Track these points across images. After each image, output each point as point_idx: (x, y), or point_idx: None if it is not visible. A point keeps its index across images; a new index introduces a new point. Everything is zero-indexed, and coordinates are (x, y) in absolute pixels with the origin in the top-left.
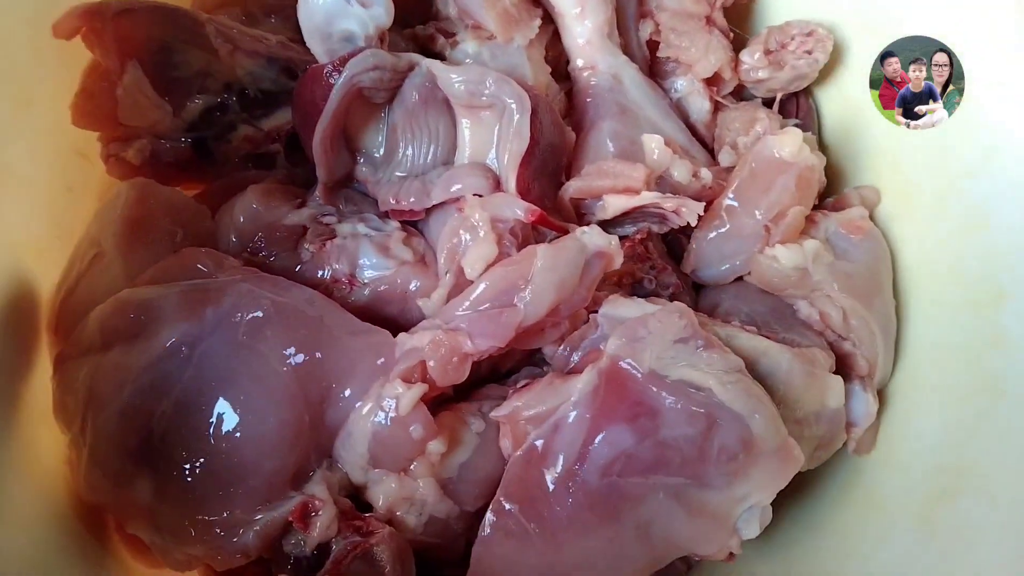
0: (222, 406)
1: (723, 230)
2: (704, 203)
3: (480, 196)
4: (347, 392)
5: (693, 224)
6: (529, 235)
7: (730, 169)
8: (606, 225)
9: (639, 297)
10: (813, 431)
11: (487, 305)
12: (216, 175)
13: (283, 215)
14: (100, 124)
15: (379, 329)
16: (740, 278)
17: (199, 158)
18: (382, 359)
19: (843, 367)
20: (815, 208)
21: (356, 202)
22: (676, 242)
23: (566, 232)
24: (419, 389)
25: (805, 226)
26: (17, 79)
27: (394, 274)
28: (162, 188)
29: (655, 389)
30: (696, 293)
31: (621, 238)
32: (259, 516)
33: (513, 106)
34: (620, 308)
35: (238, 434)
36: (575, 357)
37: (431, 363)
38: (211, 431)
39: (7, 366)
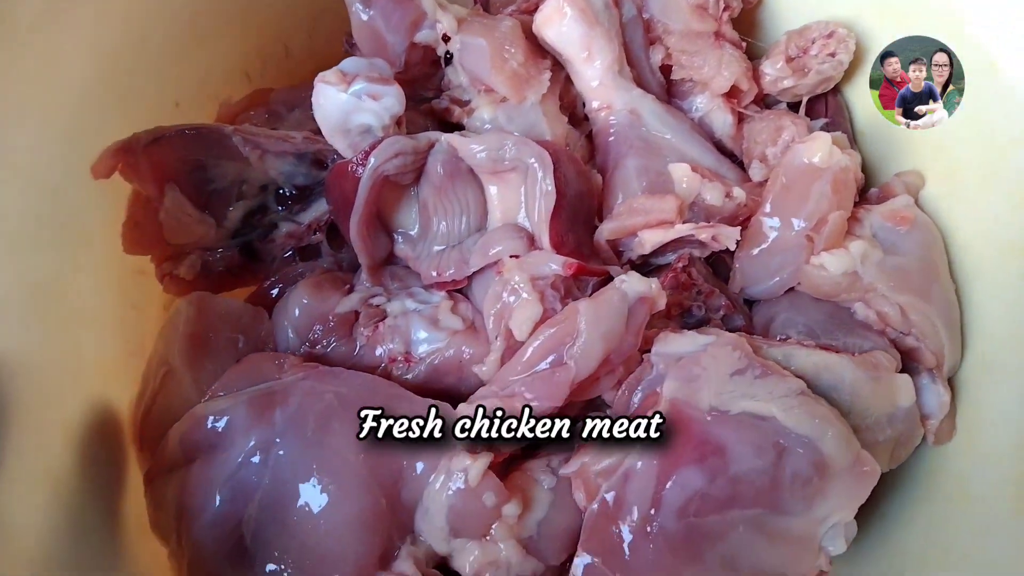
0: (303, 503)
1: (765, 246)
2: (740, 224)
3: (517, 256)
4: (418, 469)
5: (732, 249)
6: (571, 286)
7: (763, 183)
8: (646, 258)
9: (690, 324)
10: (888, 433)
11: (538, 366)
12: (267, 273)
13: (334, 304)
14: (149, 248)
15: (440, 403)
16: (792, 288)
17: (248, 261)
18: None
19: (910, 361)
20: (857, 204)
21: (402, 278)
22: (721, 261)
23: (607, 275)
24: (485, 459)
25: (849, 225)
26: (74, 221)
27: (447, 345)
28: (218, 299)
29: (718, 426)
30: (749, 308)
31: (663, 267)
32: None
33: (536, 165)
34: (672, 344)
35: (322, 528)
36: (635, 400)
37: None
38: (296, 529)
39: (102, 483)
